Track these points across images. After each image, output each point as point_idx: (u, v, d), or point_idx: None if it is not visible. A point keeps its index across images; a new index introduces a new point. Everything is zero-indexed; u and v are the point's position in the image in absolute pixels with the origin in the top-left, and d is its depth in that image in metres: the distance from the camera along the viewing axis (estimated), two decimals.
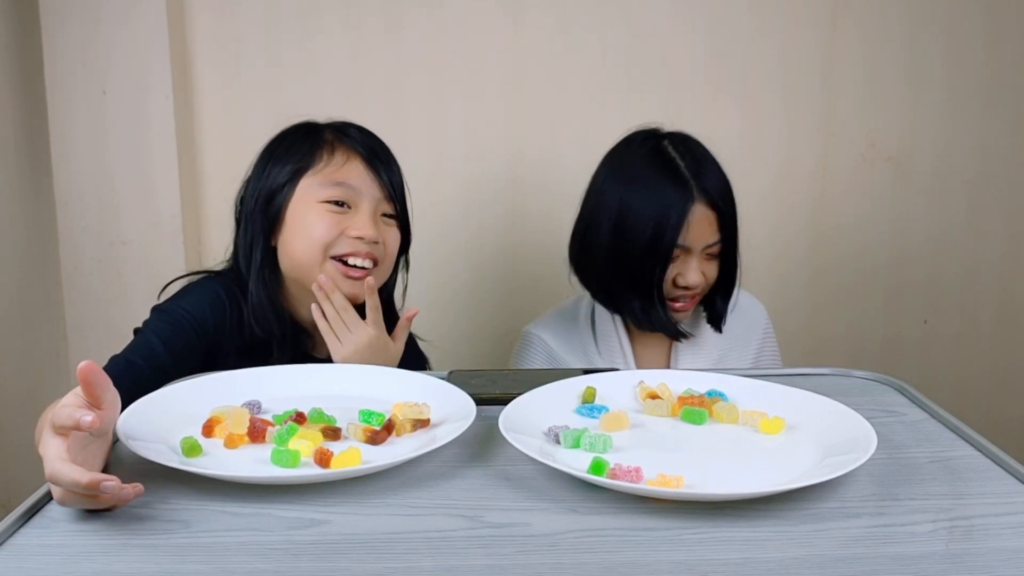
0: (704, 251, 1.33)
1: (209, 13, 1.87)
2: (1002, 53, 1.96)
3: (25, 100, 1.83)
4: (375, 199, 1.25)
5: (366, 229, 1.22)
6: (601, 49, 1.92)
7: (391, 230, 1.28)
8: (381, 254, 1.25)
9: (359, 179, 1.24)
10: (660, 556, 0.64)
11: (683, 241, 1.30)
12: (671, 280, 1.33)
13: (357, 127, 1.31)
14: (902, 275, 2.05)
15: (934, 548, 0.65)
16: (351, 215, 1.23)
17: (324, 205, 1.23)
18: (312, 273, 1.22)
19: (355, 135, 1.29)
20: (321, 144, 1.27)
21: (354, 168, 1.25)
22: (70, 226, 1.87)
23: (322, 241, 1.22)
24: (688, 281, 1.33)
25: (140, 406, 0.88)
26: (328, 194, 1.23)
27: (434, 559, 0.64)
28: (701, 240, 1.32)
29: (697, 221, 1.30)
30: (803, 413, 0.89)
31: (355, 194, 1.24)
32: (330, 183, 1.23)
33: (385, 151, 1.30)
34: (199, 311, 1.23)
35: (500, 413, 0.84)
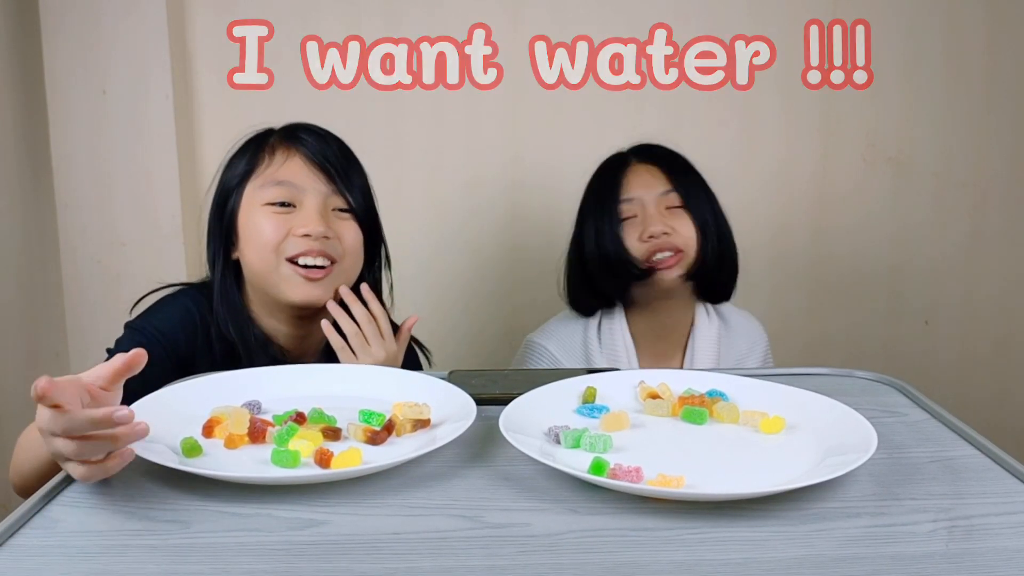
0: (660, 202, 1.37)
1: (209, 13, 1.87)
2: (1002, 53, 1.95)
3: (25, 100, 1.82)
4: (321, 194, 1.19)
5: (311, 224, 1.17)
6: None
7: (346, 224, 1.21)
8: (338, 251, 1.19)
9: (300, 175, 1.19)
10: (660, 556, 0.64)
11: (628, 194, 1.37)
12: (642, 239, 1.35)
13: (308, 127, 1.26)
14: (902, 275, 2.05)
15: (934, 548, 0.65)
16: (296, 213, 1.18)
17: (268, 208, 1.18)
18: (271, 279, 1.19)
19: (301, 134, 1.24)
20: (264, 147, 1.23)
21: (294, 165, 1.20)
22: (70, 227, 1.87)
23: (270, 243, 1.17)
24: (653, 229, 1.35)
25: (140, 407, 0.88)
26: (269, 195, 1.18)
27: (434, 559, 0.64)
28: (648, 189, 1.37)
29: (636, 173, 1.39)
30: (804, 413, 0.89)
31: (297, 191, 1.19)
32: (271, 183, 1.19)
33: (336, 146, 1.24)
34: (169, 328, 1.20)
35: (500, 413, 0.84)
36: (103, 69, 1.81)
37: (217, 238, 1.24)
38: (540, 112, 1.94)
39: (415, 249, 1.97)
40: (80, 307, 1.90)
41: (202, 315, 1.23)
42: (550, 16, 1.91)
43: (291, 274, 1.18)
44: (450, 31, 1.89)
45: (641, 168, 1.40)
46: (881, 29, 1.94)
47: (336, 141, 1.25)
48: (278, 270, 1.18)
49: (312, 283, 1.18)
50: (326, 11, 1.88)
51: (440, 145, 1.94)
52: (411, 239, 1.96)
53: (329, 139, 1.25)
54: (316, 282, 1.18)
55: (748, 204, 1.96)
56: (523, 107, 1.94)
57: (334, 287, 1.20)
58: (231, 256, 1.24)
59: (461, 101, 1.92)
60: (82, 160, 1.84)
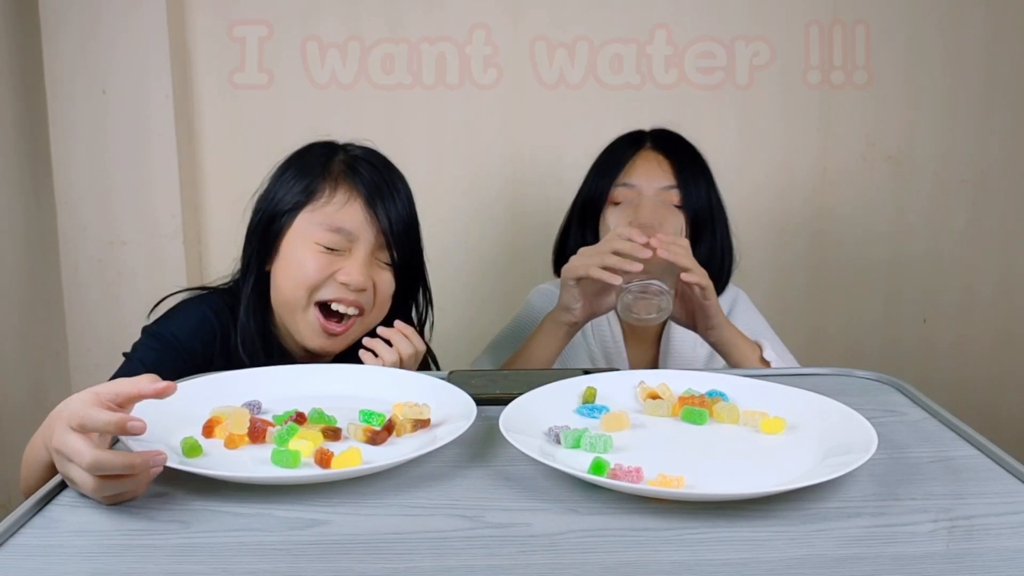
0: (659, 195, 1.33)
1: (209, 13, 1.87)
2: (1002, 53, 1.95)
3: (25, 100, 1.82)
4: (370, 244, 1.18)
5: (355, 276, 1.16)
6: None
7: (383, 274, 1.21)
8: (368, 302, 1.19)
9: (357, 223, 1.18)
10: (661, 556, 0.64)
11: (631, 179, 1.34)
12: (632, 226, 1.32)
13: (370, 159, 1.23)
14: (901, 274, 2.05)
15: (935, 548, 0.65)
16: (343, 258, 1.17)
17: (317, 247, 1.17)
18: (294, 316, 1.18)
19: (363, 169, 1.21)
20: (326, 176, 1.20)
21: (353, 211, 1.18)
22: (70, 226, 1.87)
23: (309, 282, 1.16)
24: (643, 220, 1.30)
25: (140, 407, 0.87)
26: (324, 238, 1.17)
27: (434, 559, 0.64)
28: (650, 180, 1.34)
29: (644, 160, 1.35)
30: (804, 413, 0.89)
31: (350, 241, 1.18)
32: (328, 226, 1.17)
33: (391, 186, 1.22)
34: (186, 336, 1.19)
35: (500, 413, 0.84)
36: (103, 69, 1.81)
37: (256, 250, 1.22)
38: (540, 112, 1.94)
39: None
40: (80, 307, 1.90)
41: (222, 323, 1.22)
42: (550, 16, 1.91)
43: (313, 321, 1.18)
44: (450, 31, 1.89)
45: (651, 156, 1.37)
46: (881, 29, 1.94)
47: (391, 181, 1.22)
48: (305, 311, 1.18)
49: (331, 337, 1.18)
50: (326, 11, 1.88)
51: (440, 145, 1.94)
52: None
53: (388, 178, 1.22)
54: (335, 337, 1.18)
55: (748, 203, 1.96)
56: (523, 107, 1.94)
57: (351, 339, 1.20)
58: (265, 267, 1.22)
59: (461, 101, 1.92)
60: (82, 160, 1.84)
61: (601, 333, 1.43)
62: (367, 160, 1.23)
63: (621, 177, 1.35)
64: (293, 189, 1.21)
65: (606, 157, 1.40)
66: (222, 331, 1.22)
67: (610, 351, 1.42)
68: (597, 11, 1.91)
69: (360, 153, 1.24)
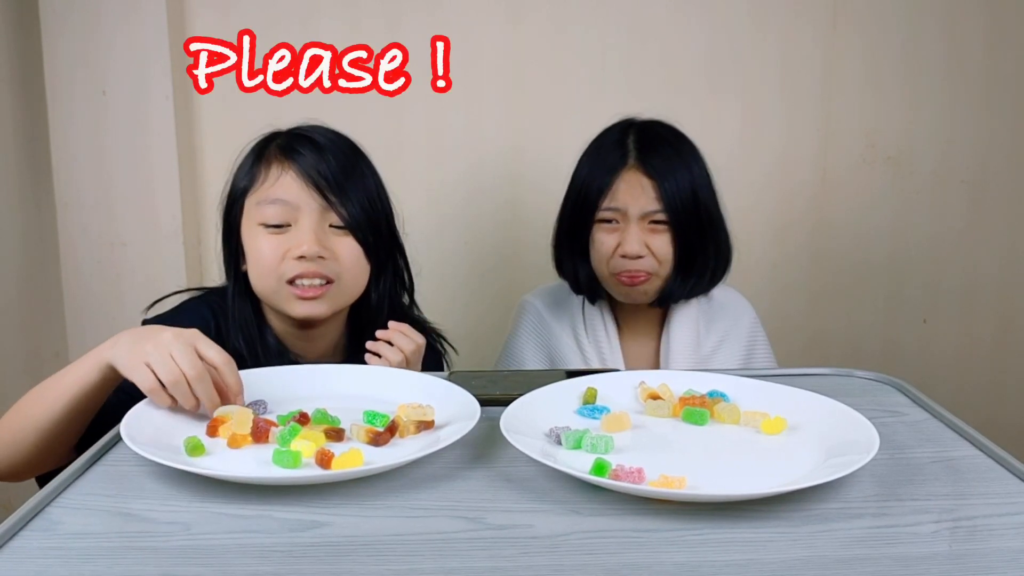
0: (645, 220, 1.32)
1: (209, 13, 1.87)
2: (1002, 53, 1.95)
3: (25, 100, 1.82)
4: (315, 211, 1.16)
5: (305, 245, 1.14)
6: (601, 48, 1.92)
7: (342, 241, 1.18)
8: (334, 270, 1.17)
9: (293, 192, 1.16)
10: (662, 557, 0.64)
11: (613, 202, 1.33)
12: (614, 249, 1.33)
13: (308, 136, 1.21)
14: (901, 274, 2.05)
15: (937, 549, 0.65)
16: (291, 233, 1.16)
17: (264, 228, 1.16)
18: (274, 299, 1.18)
19: (299, 144, 1.19)
20: (262, 159, 1.20)
21: (288, 181, 1.16)
22: (70, 227, 1.87)
23: (269, 268, 1.16)
24: (627, 249, 1.32)
25: (144, 407, 0.88)
26: (265, 215, 1.16)
27: (436, 561, 0.64)
28: (636, 205, 1.32)
29: (628, 184, 1.32)
30: (805, 413, 0.88)
31: (292, 210, 1.16)
32: (265, 202, 1.16)
33: (336, 156, 1.19)
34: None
35: (501, 414, 0.84)
36: (103, 69, 1.81)
37: (227, 250, 1.24)
38: (540, 112, 1.94)
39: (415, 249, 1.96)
40: (80, 307, 1.90)
41: (218, 323, 1.22)
42: (550, 16, 1.91)
43: (289, 295, 1.17)
44: (450, 31, 1.89)
45: (635, 178, 1.32)
46: (881, 29, 1.94)
47: (337, 150, 1.21)
48: (279, 292, 1.17)
49: (310, 302, 1.17)
50: (326, 11, 1.88)
51: (440, 145, 1.94)
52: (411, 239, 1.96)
53: (328, 149, 1.20)
54: (314, 300, 1.17)
55: (748, 203, 1.96)
56: (523, 107, 1.94)
57: (336, 303, 1.19)
58: (241, 268, 1.23)
59: (461, 100, 1.92)
60: (82, 160, 1.84)
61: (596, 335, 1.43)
62: (305, 135, 1.21)
63: (606, 200, 1.33)
64: (240, 180, 1.22)
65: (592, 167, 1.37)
66: (219, 332, 1.22)
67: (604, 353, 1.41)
68: (597, 10, 1.90)
69: (301, 131, 1.23)
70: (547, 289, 1.52)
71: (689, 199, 1.32)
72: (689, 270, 1.35)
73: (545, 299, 1.50)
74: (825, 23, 1.94)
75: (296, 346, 1.25)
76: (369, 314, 1.26)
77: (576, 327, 1.45)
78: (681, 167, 1.33)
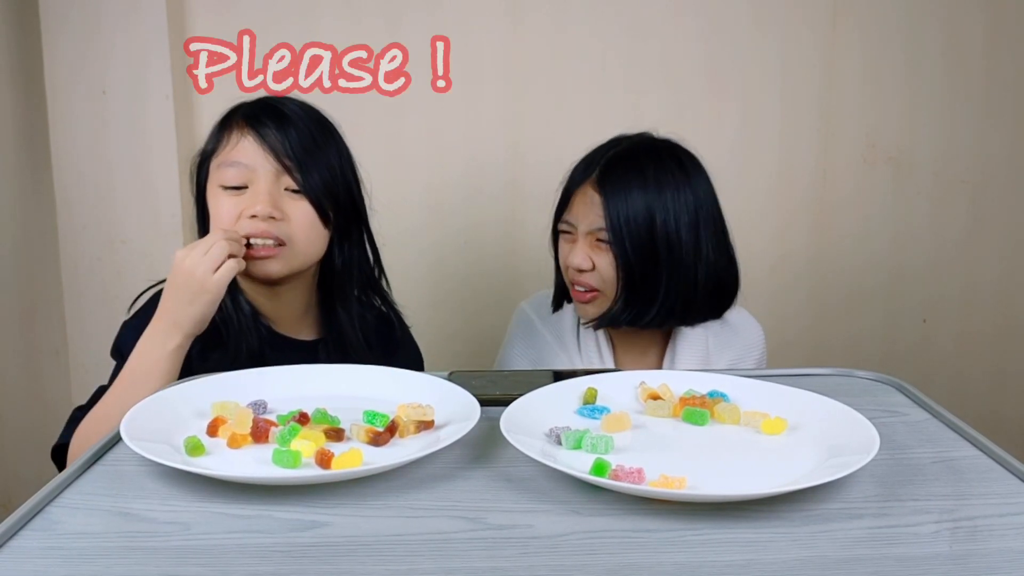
0: (592, 236, 1.30)
1: (209, 13, 1.87)
2: (1002, 53, 1.95)
3: (25, 100, 1.82)
4: (271, 174, 1.19)
5: (258, 205, 1.18)
6: (601, 49, 1.92)
7: (297, 204, 1.21)
8: (286, 232, 1.20)
9: (249, 154, 1.20)
10: (663, 558, 0.64)
11: (569, 215, 1.33)
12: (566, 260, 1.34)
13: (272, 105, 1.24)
14: (902, 275, 2.05)
15: (938, 549, 0.65)
16: (248, 194, 1.20)
17: (224, 190, 1.21)
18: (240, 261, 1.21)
19: (260, 114, 1.23)
20: (226, 125, 1.24)
21: (246, 145, 1.20)
22: (70, 225, 1.87)
23: (226, 227, 1.19)
24: (571, 261, 1.32)
25: (145, 406, 0.88)
26: (224, 177, 1.20)
27: (436, 561, 0.63)
28: (585, 221, 1.30)
29: (581, 200, 1.32)
30: (805, 414, 0.88)
31: (249, 172, 1.20)
32: (225, 164, 1.21)
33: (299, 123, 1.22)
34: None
35: (501, 414, 0.84)
36: (103, 69, 1.81)
37: (199, 214, 1.28)
38: (540, 113, 1.94)
39: (415, 249, 1.97)
40: (80, 306, 1.90)
41: None
42: (550, 16, 1.91)
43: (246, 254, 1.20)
44: (450, 31, 1.89)
45: (587, 194, 1.30)
46: (881, 29, 1.94)
47: (300, 120, 1.23)
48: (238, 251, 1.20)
49: (262, 261, 1.19)
50: (326, 11, 1.88)
51: (440, 145, 1.94)
52: (411, 239, 1.96)
53: (291, 118, 1.22)
54: (266, 260, 1.19)
55: (748, 204, 1.96)
56: (524, 108, 1.94)
57: (289, 264, 1.21)
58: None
59: (461, 100, 1.92)
60: (82, 160, 1.84)
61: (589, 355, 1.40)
62: (272, 104, 1.25)
63: (565, 212, 1.35)
64: (207, 147, 1.26)
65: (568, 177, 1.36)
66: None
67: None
68: (597, 11, 1.90)
69: (268, 100, 1.27)
70: (545, 296, 1.49)
71: (640, 223, 1.26)
72: (632, 297, 1.29)
73: (540, 309, 1.47)
74: (825, 23, 1.94)
75: (266, 307, 1.27)
76: (337, 280, 1.29)
77: (567, 341, 1.41)
78: (639, 189, 1.27)
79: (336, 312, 1.29)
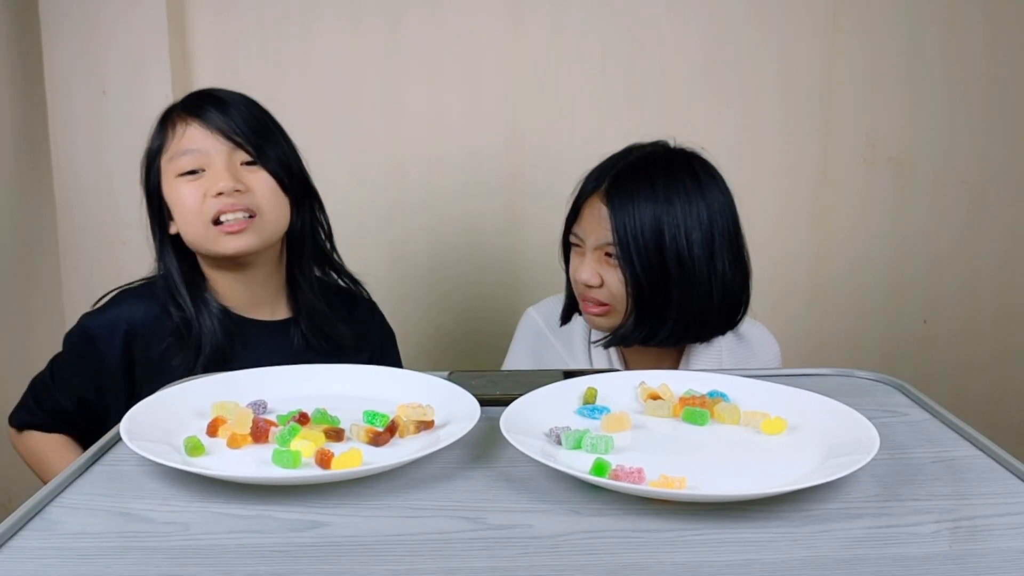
0: (600, 250, 1.27)
1: (209, 13, 1.87)
2: (1002, 53, 1.95)
3: (25, 100, 1.82)
4: (224, 152, 1.24)
5: (220, 181, 1.22)
6: (601, 49, 1.92)
7: (257, 175, 1.25)
8: (254, 203, 1.24)
9: (200, 140, 1.24)
10: (663, 558, 0.64)
11: (578, 228, 1.31)
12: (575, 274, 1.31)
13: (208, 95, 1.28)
14: (902, 275, 2.05)
15: (938, 549, 0.65)
16: (207, 175, 1.23)
17: (182, 178, 1.24)
18: (204, 244, 1.25)
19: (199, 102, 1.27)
20: (167, 122, 1.28)
21: (194, 132, 1.24)
22: (69, 226, 1.87)
23: (193, 211, 1.23)
24: (578, 275, 1.29)
25: (145, 406, 0.88)
26: (179, 165, 1.24)
27: (436, 561, 0.63)
28: (593, 235, 1.28)
29: (590, 213, 1.29)
30: (805, 414, 0.88)
31: (203, 155, 1.23)
32: (177, 155, 1.24)
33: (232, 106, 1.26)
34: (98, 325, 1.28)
35: (501, 414, 0.84)
36: (103, 69, 1.81)
37: (152, 215, 1.30)
38: (541, 113, 1.94)
39: (414, 243, 1.97)
40: (80, 306, 1.89)
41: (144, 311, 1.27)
42: (550, 16, 1.91)
43: (217, 234, 1.23)
44: (450, 30, 1.89)
45: (595, 207, 1.27)
46: (881, 29, 1.94)
47: (237, 103, 1.28)
48: (207, 234, 1.23)
49: (237, 235, 1.23)
50: (326, 10, 1.88)
51: (440, 145, 1.94)
52: (411, 239, 1.96)
53: (228, 101, 1.27)
54: (240, 233, 1.23)
55: (748, 204, 1.95)
56: (524, 108, 1.94)
57: (262, 236, 1.25)
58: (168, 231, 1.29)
59: (461, 100, 1.92)
60: (82, 160, 1.84)
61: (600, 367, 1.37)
62: (206, 92, 1.29)
63: (575, 224, 1.32)
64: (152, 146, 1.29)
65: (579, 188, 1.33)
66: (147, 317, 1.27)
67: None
68: (597, 11, 1.90)
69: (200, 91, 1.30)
70: (550, 303, 1.46)
71: (648, 238, 1.22)
72: (643, 314, 1.25)
73: (550, 317, 1.43)
74: (825, 23, 1.94)
75: (239, 294, 1.30)
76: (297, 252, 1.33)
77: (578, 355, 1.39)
78: (647, 203, 1.22)
79: (302, 286, 1.33)
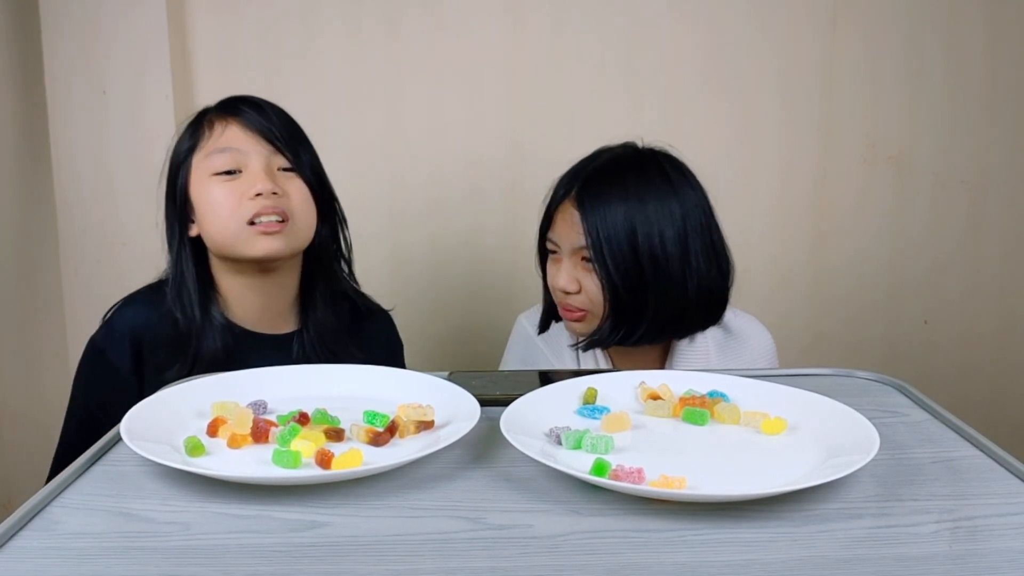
0: (577, 255, 1.26)
1: (209, 13, 1.87)
2: (1002, 53, 1.95)
3: (25, 100, 1.82)
4: (263, 155, 1.24)
5: (260, 183, 1.21)
6: (601, 49, 1.92)
7: (292, 182, 1.25)
8: (288, 207, 1.24)
9: (240, 140, 1.23)
10: (662, 558, 0.64)
11: (553, 234, 1.30)
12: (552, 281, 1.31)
13: (245, 98, 1.28)
14: (902, 275, 2.05)
15: (937, 549, 0.65)
16: (244, 177, 1.23)
17: (217, 178, 1.23)
18: (235, 245, 1.23)
19: (238, 105, 1.27)
20: (203, 122, 1.27)
21: (233, 132, 1.24)
22: (70, 227, 1.87)
23: (228, 212, 1.21)
24: (556, 282, 1.28)
25: (145, 406, 0.88)
26: (216, 164, 1.23)
27: (436, 561, 0.63)
28: (567, 240, 1.27)
29: (563, 218, 1.28)
30: (805, 414, 0.88)
31: (242, 156, 1.23)
32: (214, 152, 1.23)
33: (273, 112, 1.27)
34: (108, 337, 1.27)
35: (501, 414, 0.84)
36: (103, 69, 1.81)
37: (172, 216, 1.28)
38: (541, 113, 1.94)
39: (415, 249, 1.97)
40: (80, 307, 1.90)
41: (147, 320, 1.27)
42: (550, 16, 1.91)
43: (251, 235, 1.22)
44: (450, 31, 1.89)
45: (567, 212, 1.26)
46: (881, 29, 1.94)
47: (274, 109, 1.28)
48: (240, 234, 1.22)
49: (271, 236, 1.22)
50: (326, 10, 1.88)
51: (441, 145, 1.94)
52: (412, 239, 1.96)
53: (266, 107, 1.28)
54: (274, 235, 1.22)
55: (747, 204, 1.96)
56: (524, 108, 1.94)
57: (294, 242, 1.25)
58: (187, 234, 1.27)
59: (461, 101, 1.92)
60: (82, 160, 1.84)
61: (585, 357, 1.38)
62: (241, 98, 1.29)
63: (549, 231, 1.31)
64: (182, 147, 1.27)
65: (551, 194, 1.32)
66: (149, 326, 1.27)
67: None
68: (597, 11, 1.90)
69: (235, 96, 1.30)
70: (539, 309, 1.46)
71: (621, 239, 1.21)
72: (620, 316, 1.24)
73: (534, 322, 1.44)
74: (825, 23, 1.94)
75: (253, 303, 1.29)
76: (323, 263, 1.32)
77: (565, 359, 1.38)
78: (619, 204, 1.22)
79: (316, 301, 1.31)
